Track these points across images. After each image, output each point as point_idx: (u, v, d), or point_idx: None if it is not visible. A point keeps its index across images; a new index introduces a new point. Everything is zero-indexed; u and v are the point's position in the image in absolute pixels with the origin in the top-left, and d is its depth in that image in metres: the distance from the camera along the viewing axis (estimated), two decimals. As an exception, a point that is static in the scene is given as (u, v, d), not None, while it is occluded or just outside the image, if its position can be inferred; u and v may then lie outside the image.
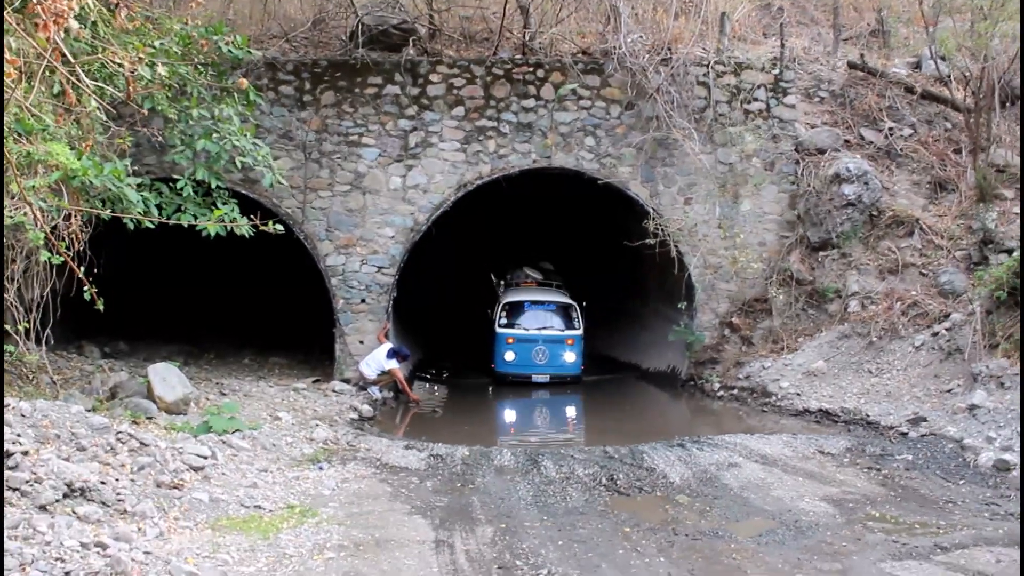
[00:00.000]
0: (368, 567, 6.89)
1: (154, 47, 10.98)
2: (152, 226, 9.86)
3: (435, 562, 7.12)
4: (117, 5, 8.39)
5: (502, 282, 20.45)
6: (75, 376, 13.79)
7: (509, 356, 18.30)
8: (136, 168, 14.27)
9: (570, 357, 18.34)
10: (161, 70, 7.70)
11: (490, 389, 18.57)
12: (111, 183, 9.78)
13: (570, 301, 18.94)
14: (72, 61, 5.34)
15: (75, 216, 11.28)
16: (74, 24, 4.78)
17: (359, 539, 7.58)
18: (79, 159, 9.28)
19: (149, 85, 10.88)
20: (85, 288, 7.41)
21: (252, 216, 8.39)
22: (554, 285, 20.17)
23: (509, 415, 16.70)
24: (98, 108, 8.94)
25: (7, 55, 5.00)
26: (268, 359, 18.56)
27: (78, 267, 7.38)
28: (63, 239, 10.82)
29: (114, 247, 14.64)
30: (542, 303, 18.96)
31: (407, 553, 7.29)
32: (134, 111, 12.73)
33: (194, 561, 6.60)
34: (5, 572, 5.50)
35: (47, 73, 9.69)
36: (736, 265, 17.12)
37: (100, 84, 7.62)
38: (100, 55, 6.80)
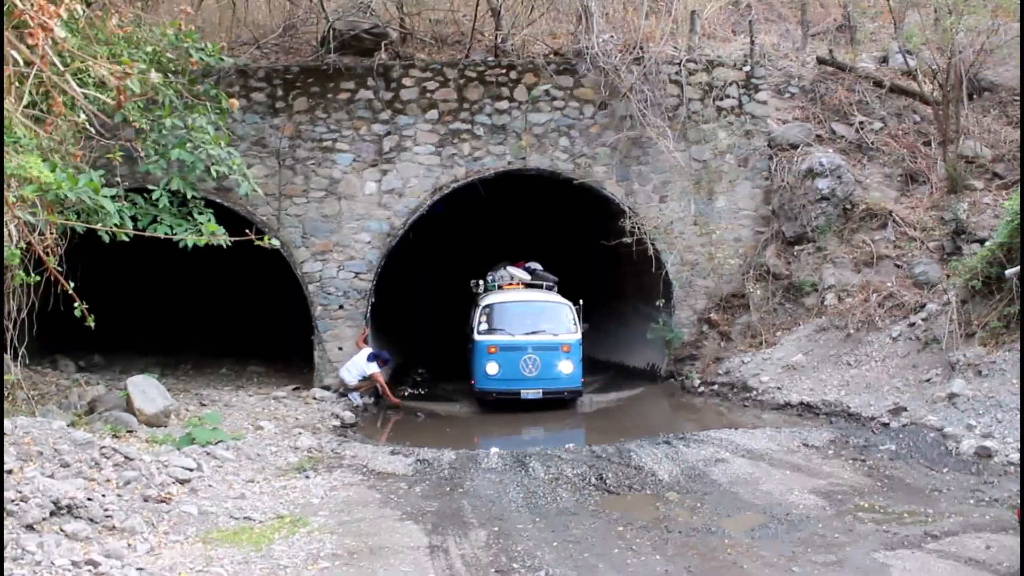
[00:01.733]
0: (364, 575, 6.84)
1: (130, 56, 10.80)
2: (128, 239, 9.72)
3: (431, 567, 7.08)
4: (104, 8, 8.25)
5: (482, 283, 17.98)
6: (51, 391, 13.62)
7: (492, 369, 15.50)
8: (108, 179, 14.09)
9: (567, 367, 15.57)
10: (154, 77, 7.57)
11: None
12: (86, 196, 9.65)
13: (563, 300, 16.54)
14: (62, 70, 5.25)
15: (50, 230, 11.12)
16: (60, 33, 4.68)
17: (352, 547, 7.52)
18: (52, 171, 9.15)
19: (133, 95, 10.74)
20: (76, 305, 7.33)
21: (227, 227, 8.29)
22: (544, 287, 17.50)
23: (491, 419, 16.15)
24: (87, 120, 8.81)
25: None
26: (246, 368, 18.42)
27: (57, 282, 7.28)
28: (46, 253, 10.65)
29: (88, 259, 14.44)
30: (530, 303, 16.58)
31: (402, 560, 7.24)
32: (104, 122, 12.60)
33: None
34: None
35: (17, 83, 9.57)
36: (713, 261, 17.22)
37: (90, 93, 7.50)
38: (91, 62, 6.68)
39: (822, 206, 16.56)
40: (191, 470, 9.35)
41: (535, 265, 18.27)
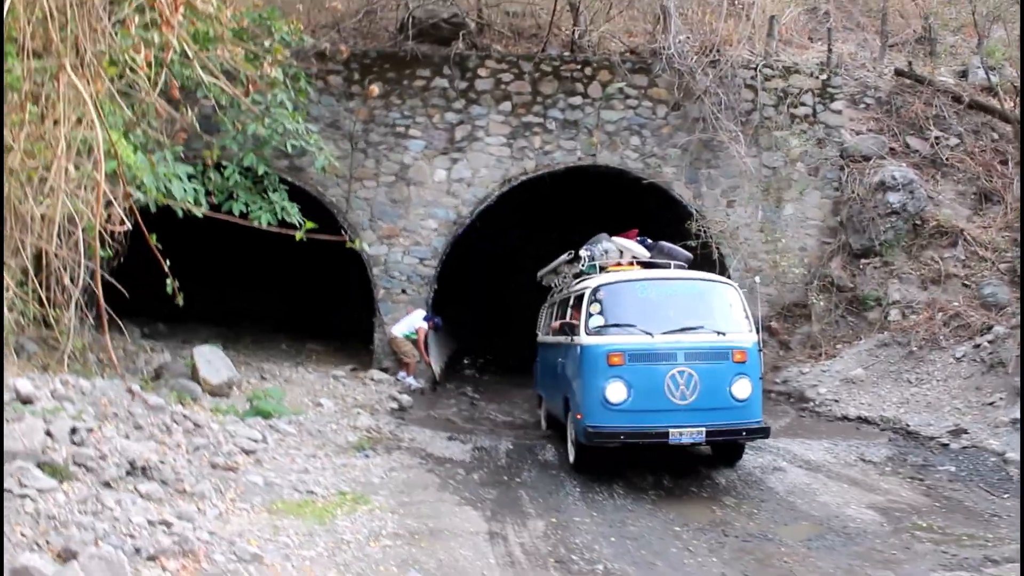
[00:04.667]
0: (425, 556, 6.97)
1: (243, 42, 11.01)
2: (200, 216, 10.00)
3: (491, 553, 7.19)
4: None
5: (583, 257, 11.87)
6: (118, 356, 13.93)
7: (616, 393, 9.30)
8: (184, 152, 14.43)
9: (742, 389, 9.59)
10: (272, 72, 7.79)
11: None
12: (162, 181, 9.93)
13: (725, 280, 11.07)
14: (190, 57, 5.48)
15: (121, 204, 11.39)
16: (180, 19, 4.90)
17: (413, 528, 7.67)
18: (134, 152, 9.38)
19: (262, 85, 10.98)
20: (168, 282, 7.62)
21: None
22: (672, 267, 11.28)
23: None
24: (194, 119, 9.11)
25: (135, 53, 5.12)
26: (305, 345, 18.75)
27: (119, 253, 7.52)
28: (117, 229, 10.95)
29: (158, 229, 14.79)
30: (673, 282, 10.47)
31: (462, 543, 7.37)
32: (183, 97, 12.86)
33: (257, 543, 6.69)
34: (81, 544, 5.61)
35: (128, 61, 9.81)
36: (777, 269, 17.10)
37: (219, 83, 7.73)
38: (227, 53, 6.95)
39: (892, 220, 16.36)
40: (256, 441, 9.59)
41: (649, 240, 12.39)
